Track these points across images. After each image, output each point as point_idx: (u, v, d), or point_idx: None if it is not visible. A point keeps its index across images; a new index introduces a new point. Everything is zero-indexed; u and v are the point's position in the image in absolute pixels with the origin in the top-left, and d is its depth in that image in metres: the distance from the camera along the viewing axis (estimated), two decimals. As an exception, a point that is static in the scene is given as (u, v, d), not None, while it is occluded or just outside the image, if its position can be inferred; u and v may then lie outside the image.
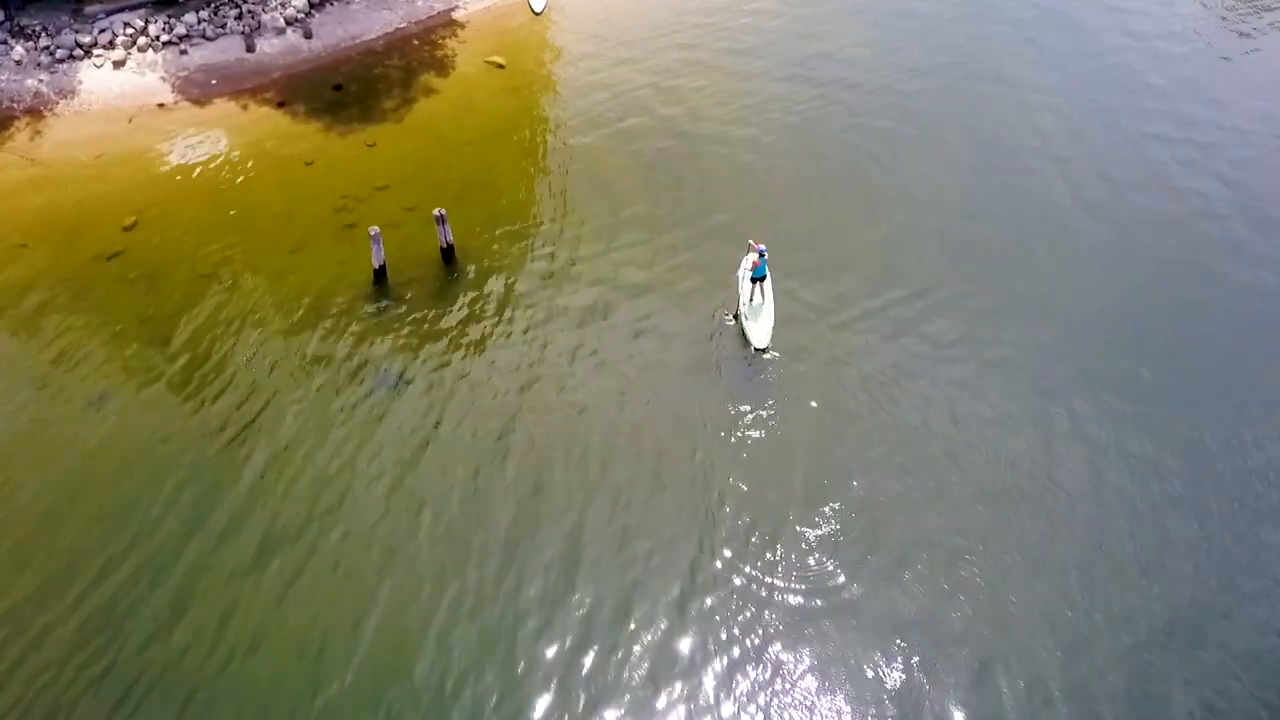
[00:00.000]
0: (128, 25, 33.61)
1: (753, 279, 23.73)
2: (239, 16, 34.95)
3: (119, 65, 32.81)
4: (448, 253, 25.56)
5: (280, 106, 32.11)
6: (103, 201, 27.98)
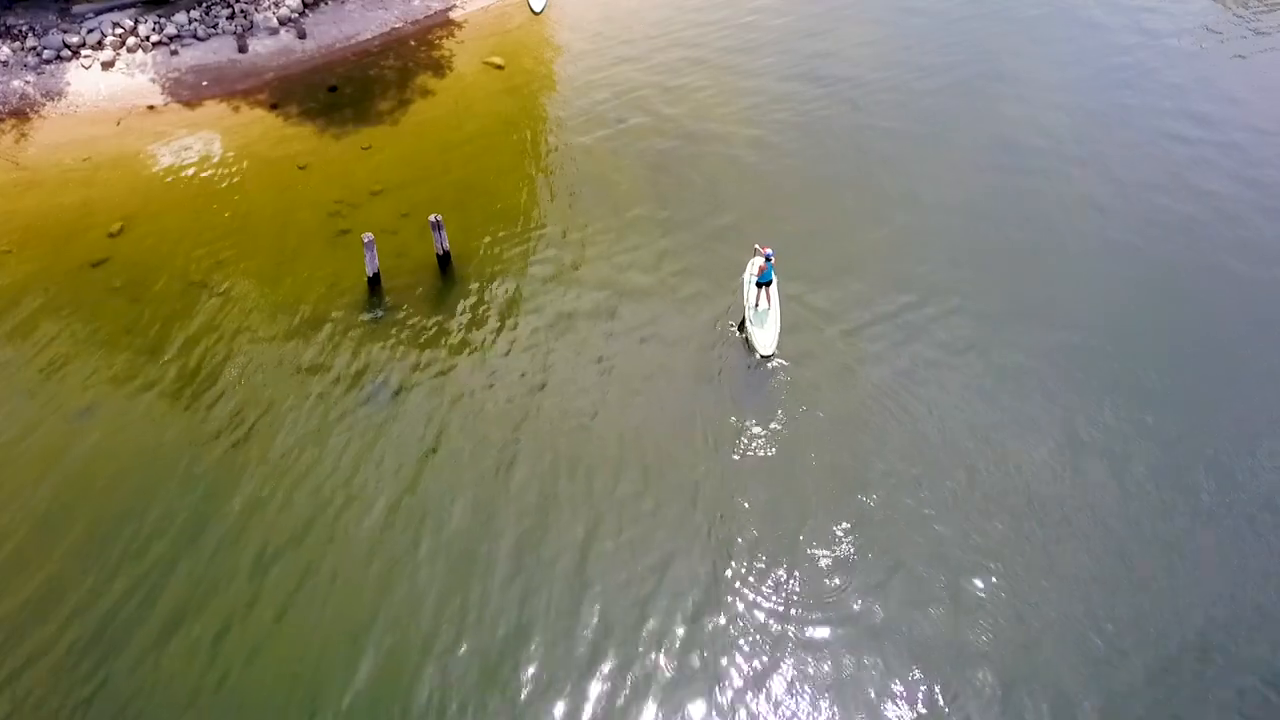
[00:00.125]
0: (117, 25, 32.87)
1: (758, 284, 23.17)
2: (231, 16, 34.23)
3: (108, 66, 32.05)
4: (444, 260, 24.78)
5: (273, 108, 31.35)
6: (89, 206, 27.22)
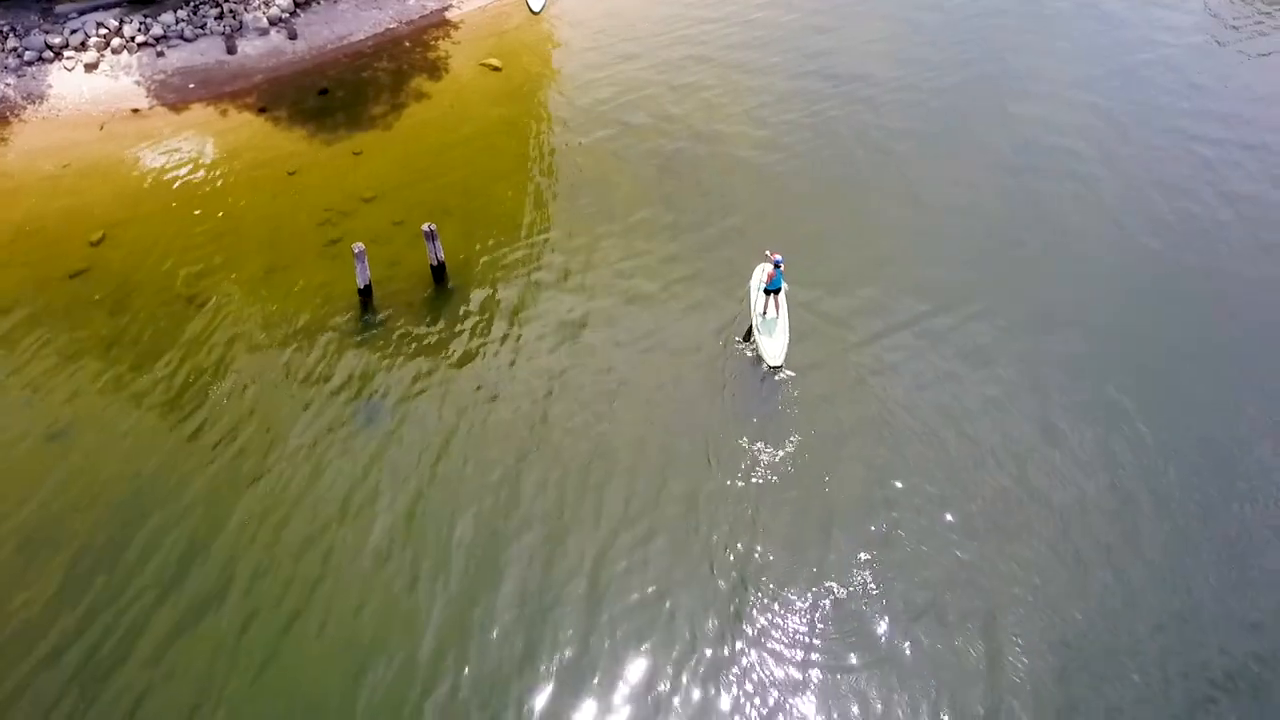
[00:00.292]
0: (101, 25, 31.73)
1: (766, 291, 22.12)
2: (220, 16, 33.09)
3: (91, 68, 30.90)
4: (439, 271, 23.59)
5: (262, 112, 30.19)
6: (69, 214, 26.05)
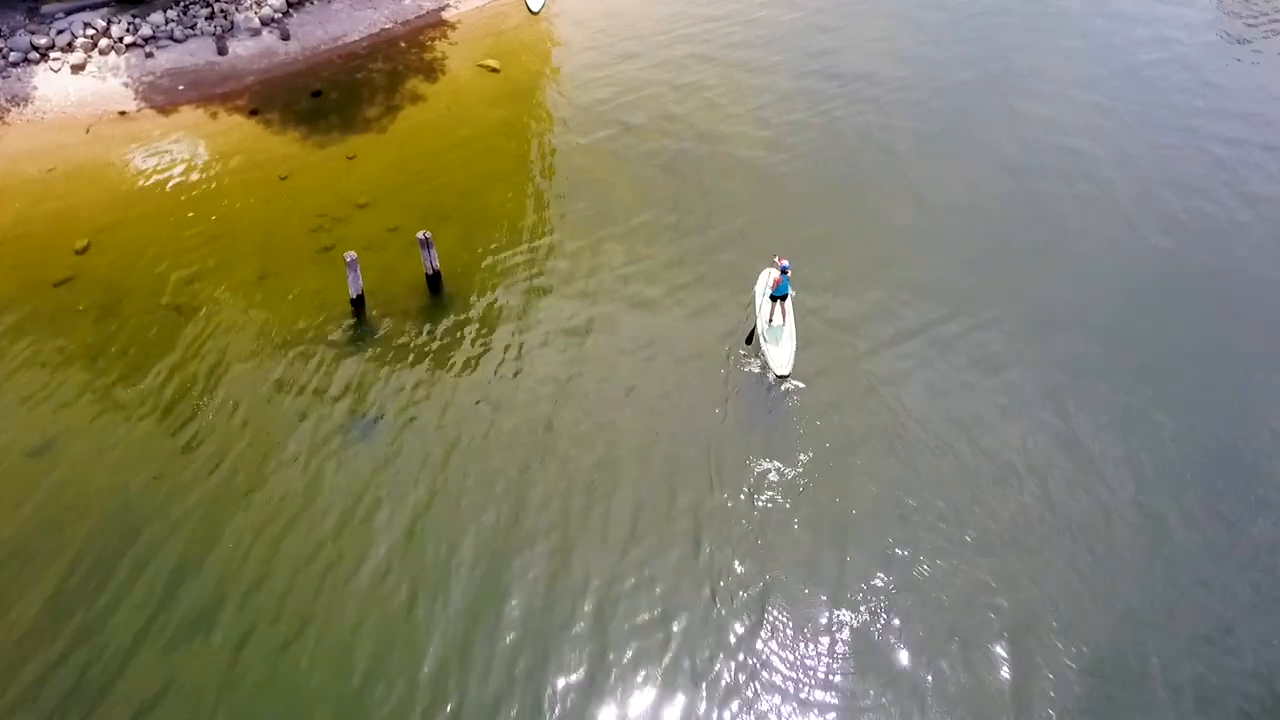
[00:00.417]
0: (88, 26, 30.97)
1: (773, 297, 21.44)
2: (210, 16, 32.36)
3: (78, 69, 30.14)
4: (434, 280, 22.86)
5: (253, 114, 29.44)
6: (54, 221, 25.29)
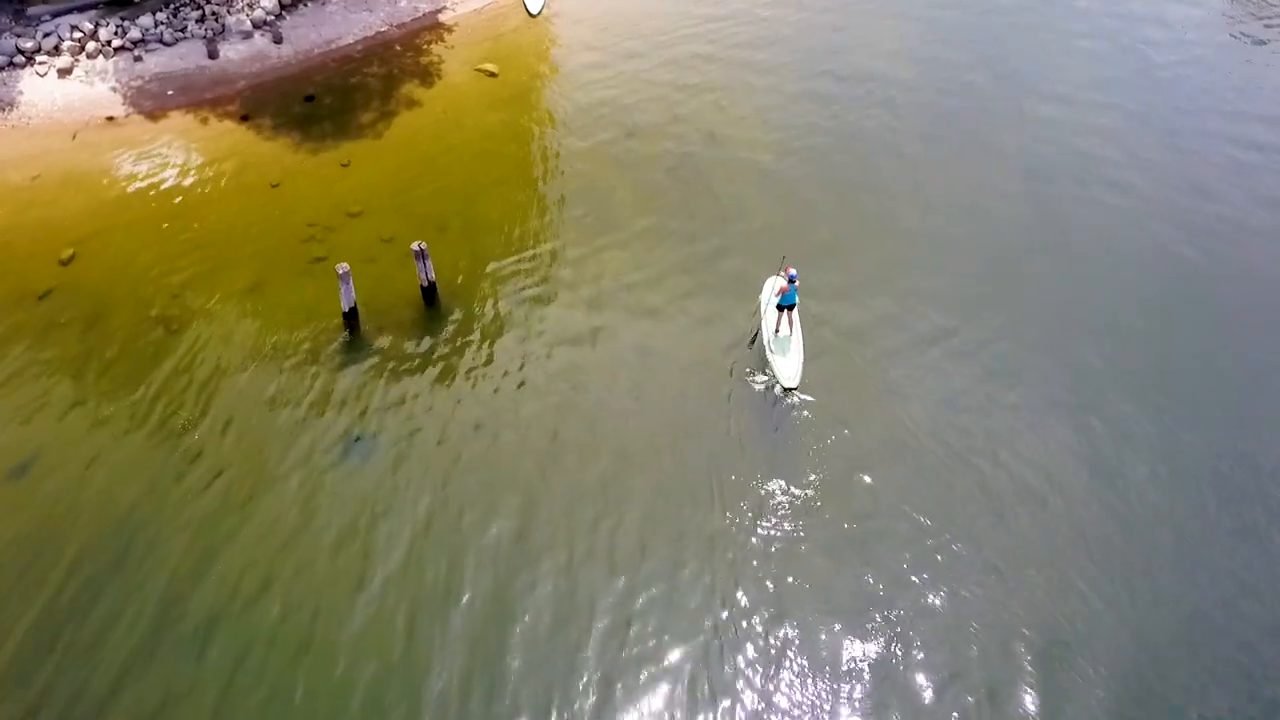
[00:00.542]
0: (75, 29, 30.22)
1: (779, 307, 20.82)
2: (201, 19, 31.61)
3: (64, 74, 29.40)
4: (429, 292, 22.17)
5: (244, 120, 28.72)
6: (38, 230, 24.58)
